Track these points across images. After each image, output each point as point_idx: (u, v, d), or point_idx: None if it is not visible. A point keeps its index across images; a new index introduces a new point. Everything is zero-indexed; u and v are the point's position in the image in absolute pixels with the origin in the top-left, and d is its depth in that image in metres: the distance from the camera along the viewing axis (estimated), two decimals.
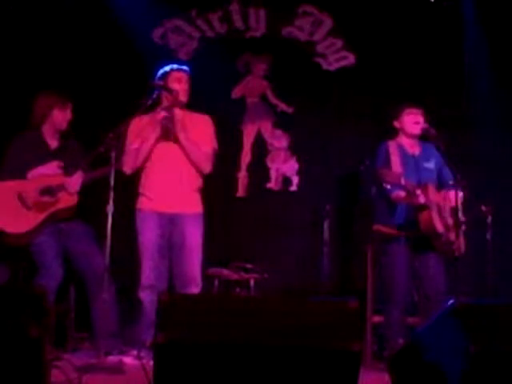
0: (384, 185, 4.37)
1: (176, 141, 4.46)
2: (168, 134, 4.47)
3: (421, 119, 4.72)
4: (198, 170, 4.53)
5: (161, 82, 4.48)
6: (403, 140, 4.81)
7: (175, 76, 4.52)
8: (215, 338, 2.71)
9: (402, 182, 4.38)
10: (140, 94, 4.44)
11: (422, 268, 4.68)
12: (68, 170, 4.55)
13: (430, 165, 4.80)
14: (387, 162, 4.65)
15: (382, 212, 4.75)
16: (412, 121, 4.73)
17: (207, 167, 4.54)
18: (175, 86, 4.48)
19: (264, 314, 2.77)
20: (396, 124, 4.80)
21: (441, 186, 4.79)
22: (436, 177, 4.82)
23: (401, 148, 4.76)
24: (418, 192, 4.47)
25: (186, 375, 2.72)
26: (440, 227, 4.57)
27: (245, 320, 2.74)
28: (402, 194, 4.56)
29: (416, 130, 4.73)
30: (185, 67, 4.62)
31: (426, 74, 5.96)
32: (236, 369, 2.72)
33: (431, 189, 4.62)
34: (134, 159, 4.47)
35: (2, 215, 4.50)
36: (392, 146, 4.74)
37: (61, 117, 4.66)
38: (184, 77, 4.55)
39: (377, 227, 4.73)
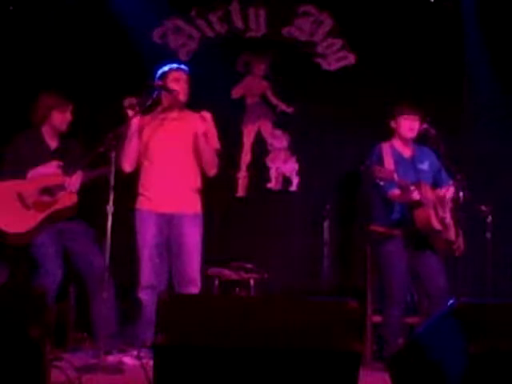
0: (377, 181, 4.37)
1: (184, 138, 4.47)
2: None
3: (417, 125, 4.72)
4: (204, 172, 4.53)
5: (160, 82, 4.48)
6: (397, 142, 4.81)
7: (174, 76, 4.52)
8: (215, 339, 2.71)
9: (395, 177, 4.38)
10: (140, 94, 4.44)
11: (421, 267, 4.67)
12: (68, 170, 4.55)
13: (425, 166, 4.79)
14: (380, 163, 4.65)
15: (379, 212, 4.75)
16: (408, 126, 4.73)
17: (214, 169, 4.54)
18: (174, 85, 4.48)
19: (264, 314, 2.77)
20: (392, 124, 4.81)
21: (436, 187, 4.78)
22: (431, 178, 4.81)
23: (394, 150, 4.76)
24: (412, 188, 4.47)
25: (187, 375, 2.71)
26: (437, 224, 4.56)
27: (244, 320, 2.74)
28: (397, 191, 4.55)
29: (410, 135, 4.75)
30: (183, 66, 4.62)
31: (426, 74, 5.95)
32: (236, 369, 2.72)
33: (425, 187, 4.62)
34: (132, 157, 4.49)
35: (1, 215, 4.50)
36: (385, 147, 4.74)
37: (60, 118, 4.66)
38: (183, 76, 4.55)
39: (373, 227, 4.74)
